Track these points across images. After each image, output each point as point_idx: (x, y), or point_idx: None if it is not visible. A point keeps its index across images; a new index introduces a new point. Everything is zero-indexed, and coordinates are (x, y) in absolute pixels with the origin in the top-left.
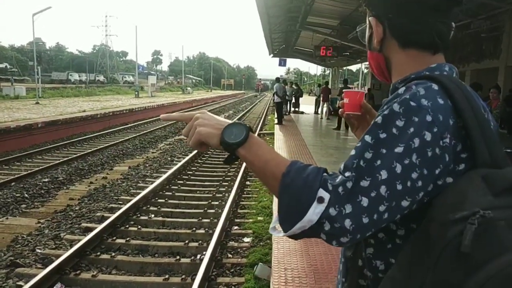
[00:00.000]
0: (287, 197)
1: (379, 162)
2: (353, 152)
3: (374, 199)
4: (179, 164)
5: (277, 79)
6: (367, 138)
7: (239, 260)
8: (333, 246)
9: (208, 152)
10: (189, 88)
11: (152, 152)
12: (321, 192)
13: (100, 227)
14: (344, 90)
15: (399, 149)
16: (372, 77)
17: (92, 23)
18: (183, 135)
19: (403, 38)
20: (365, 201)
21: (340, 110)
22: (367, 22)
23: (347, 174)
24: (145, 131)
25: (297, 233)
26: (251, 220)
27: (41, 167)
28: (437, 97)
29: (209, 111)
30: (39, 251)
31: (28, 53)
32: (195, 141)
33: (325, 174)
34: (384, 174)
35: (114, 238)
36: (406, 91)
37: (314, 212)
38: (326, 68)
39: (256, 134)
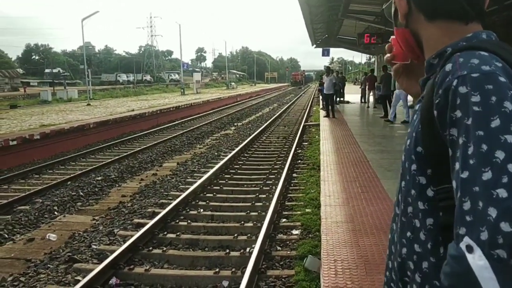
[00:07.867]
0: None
1: (484, 147)
2: (457, 167)
3: (508, 183)
4: (226, 158)
5: (328, 69)
6: (461, 140)
7: (289, 252)
8: (383, 237)
9: (255, 145)
10: (233, 83)
11: (199, 148)
12: (462, 245)
13: (151, 222)
14: (391, 37)
15: (495, 122)
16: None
17: (137, 24)
18: None
19: (428, 9)
20: (502, 193)
21: (387, 57)
22: None
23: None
24: (192, 127)
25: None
26: (299, 212)
27: (94, 166)
28: (494, 61)
29: (253, 105)
30: (95, 247)
31: (79, 57)
32: None
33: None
34: (500, 155)
35: (165, 233)
36: (456, 67)
37: (475, 260)
38: (371, 56)
39: (301, 126)
